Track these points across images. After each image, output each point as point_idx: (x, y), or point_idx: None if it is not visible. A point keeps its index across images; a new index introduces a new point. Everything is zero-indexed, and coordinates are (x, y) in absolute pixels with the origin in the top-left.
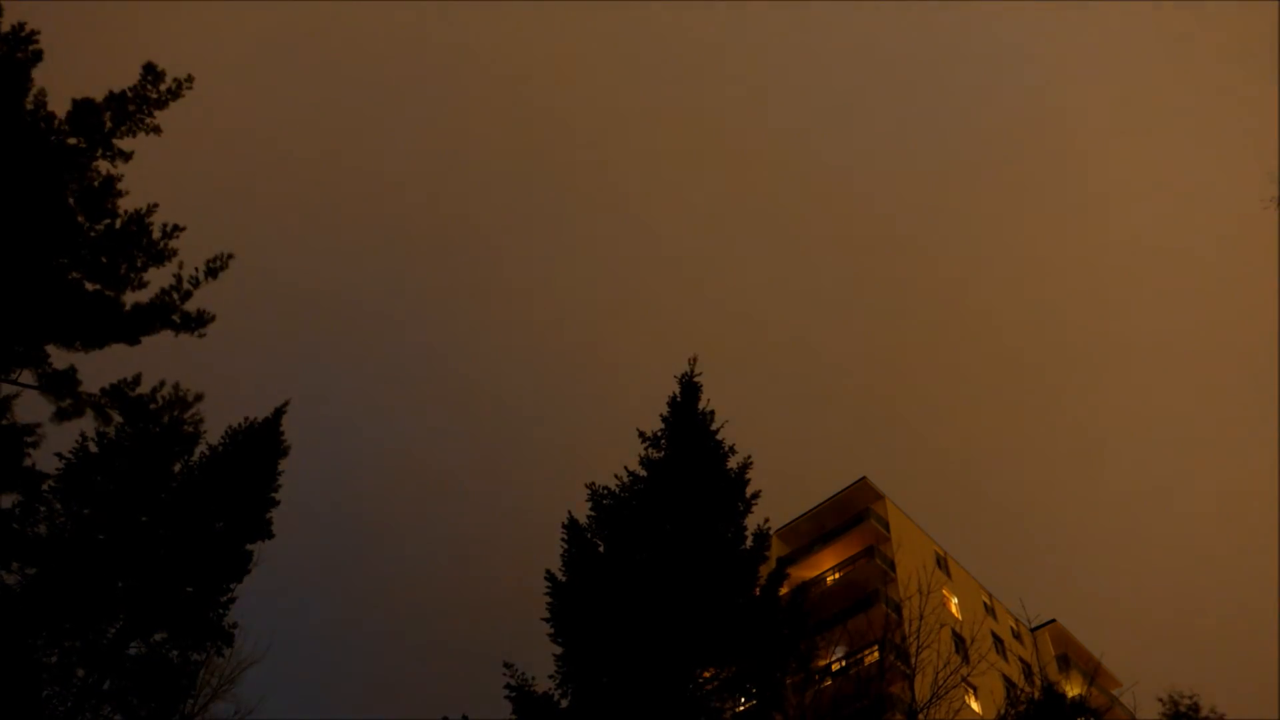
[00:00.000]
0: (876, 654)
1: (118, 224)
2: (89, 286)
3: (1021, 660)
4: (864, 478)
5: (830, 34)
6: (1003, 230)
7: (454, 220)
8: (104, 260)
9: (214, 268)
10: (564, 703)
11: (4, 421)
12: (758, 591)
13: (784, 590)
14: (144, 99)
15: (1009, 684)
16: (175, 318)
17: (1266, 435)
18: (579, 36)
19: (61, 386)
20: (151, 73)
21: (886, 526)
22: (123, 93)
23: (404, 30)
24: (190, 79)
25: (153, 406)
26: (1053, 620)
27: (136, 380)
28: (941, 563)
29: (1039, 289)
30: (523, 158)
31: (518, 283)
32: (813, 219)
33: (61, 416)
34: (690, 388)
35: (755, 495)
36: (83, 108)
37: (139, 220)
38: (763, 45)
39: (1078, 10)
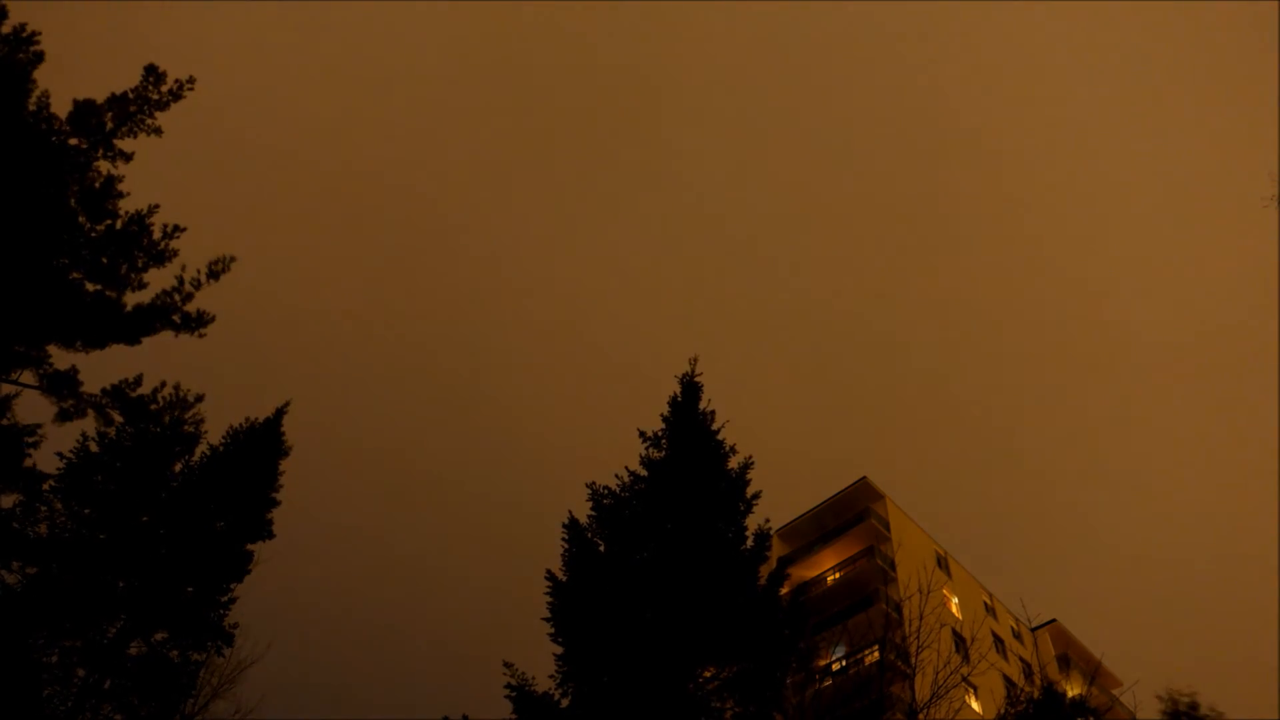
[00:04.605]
0: (876, 653)
1: (118, 224)
2: (90, 287)
3: (1022, 660)
4: (864, 478)
5: (829, 30)
6: (1003, 231)
7: (455, 218)
8: (105, 261)
9: (215, 270)
10: (564, 702)
11: (5, 421)
12: (758, 591)
13: (784, 590)
14: (145, 100)
15: (1009, 683)
16: (176, 318)
17: (1267, 436)
18: (576, 35)
19: (62, 387)
20: (153, 74)
21: (886, 526)
22: (124, 94)
23: (403, 30)
24: (191, 80)
25: (153, 407)
26: (1053, 620)
27: (138, 380)
28: (942, 562)
29: (1039, 289)
30: (523, 155)
31: (518, 282)
32: (814, 220)
33: (63, 417)
34: (691, 387)
35: (756, 495)
36: (84, 109)
37: (140, 221)
38: (761, 43)
39: (1078, 10)
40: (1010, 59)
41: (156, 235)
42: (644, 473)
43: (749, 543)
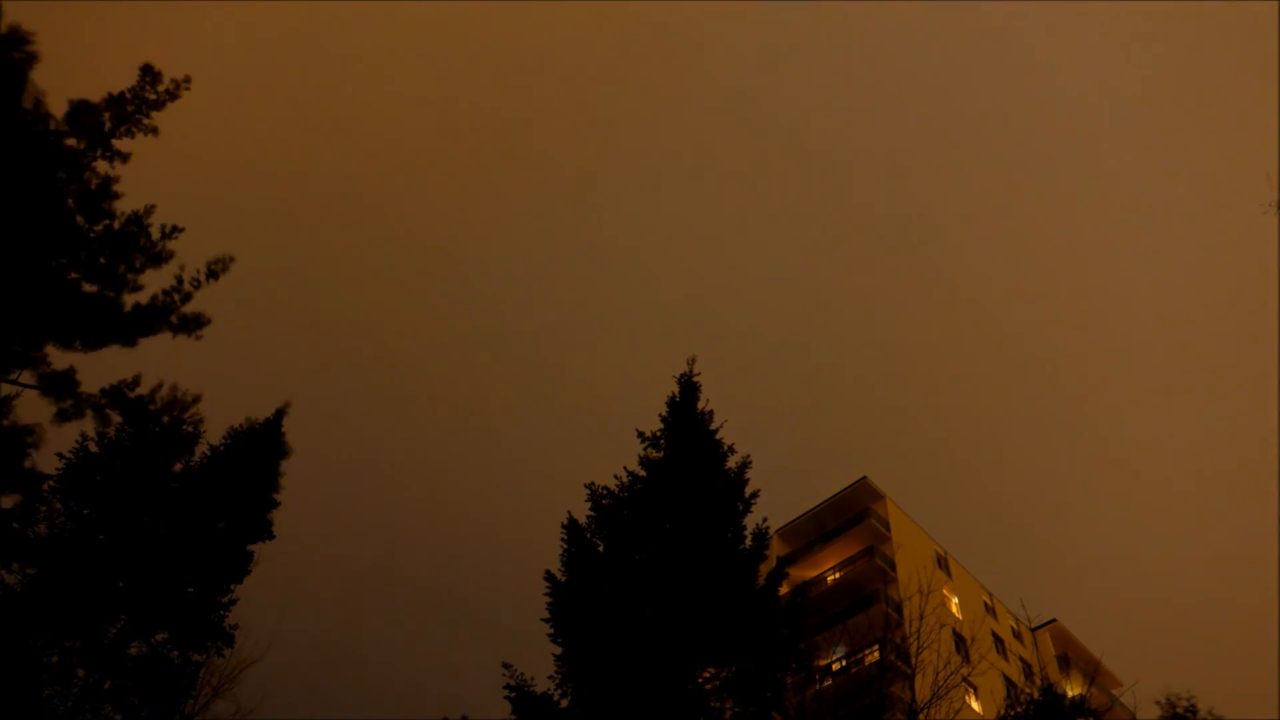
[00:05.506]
0: (877, 653)
1: (116, 225)
2: (87, 287)
3: (1022, 660)
4: (864, 478)
5: (825, 33)
6: (1003, 231)
7: (451, 220)
8: (103, 261)
9: (214, 270)
10: (564, 703)
11: (4, 422)
12: (758, 591)
13: (784, 590)
14: (142, 100)
15: (1009, 684)
16: (174, 319)
17: (1267, 436)
18: (573, 36)
19: (61, 387)
20: (149, 74)
21: (887, 526)
22: (121, 94)
23: (403, 31)
24: (188, 80)
25: (152, 407)
26: (1053, 620)
27: (136, 381)
28: (942, 562)
29: (1040, 290)
30: (521, 160)
31: (518, 282)
32: (813, 219)
33: (62, 417)
34: (689, 387)
35: (754, 495)
36: (81, 109)
37: (137, 221)
38: (760, 44)
39: (1079, 10)
40: (1008, 59)
41: (154, 236)
42: (643, 473)
43: (748, 542)
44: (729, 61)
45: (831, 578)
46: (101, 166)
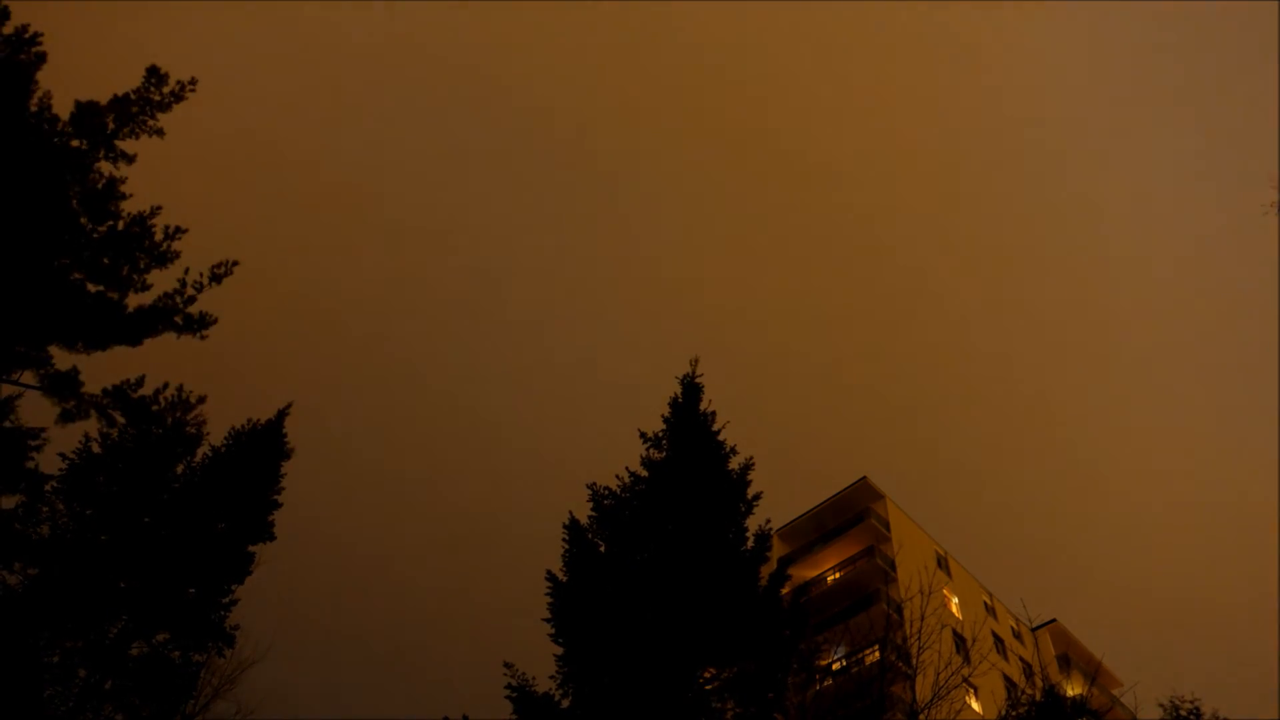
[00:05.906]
0: (877, 654)
1: (120, 226)
2: (91, 288)
3: (1022, 660)
4: (864, 478)
5: (824, 35)
6: (1001, 232)
7: (453, 219)
8: (107, 262)
9: (218, 274)
10: (565, 703)
11: (8, 423)
12: (759, 592)
13: (785, 590)
14: (147, 101)
15: (1010, 684)
16: (178, 319)
17: (1267, 435)
18: (578, 38)
19: (64, 388)
20: (155, 75)
21: (887, 526)
22: (126, 95)
23: (403, 31)
24: (193, 81)
25: (155, 408)
26: (1053, 620)
27: (139, 382)
28: (942, 562)
29: (1038, 290)
30: (520, 159)
31: (517, 282)
32: (812, 220)
33: (65, 418)
34: (691, 388)
35: (756, 496)
36: (86, 110)
37: (141, 222)
38: (760, 46)
39: (1077, 10)
40: (1006, 59)
41: (158, 237)
42: (645, 473)
43: (749, 543)
44: (737, 67)
45: (832, 578)
46: (106, 167)
